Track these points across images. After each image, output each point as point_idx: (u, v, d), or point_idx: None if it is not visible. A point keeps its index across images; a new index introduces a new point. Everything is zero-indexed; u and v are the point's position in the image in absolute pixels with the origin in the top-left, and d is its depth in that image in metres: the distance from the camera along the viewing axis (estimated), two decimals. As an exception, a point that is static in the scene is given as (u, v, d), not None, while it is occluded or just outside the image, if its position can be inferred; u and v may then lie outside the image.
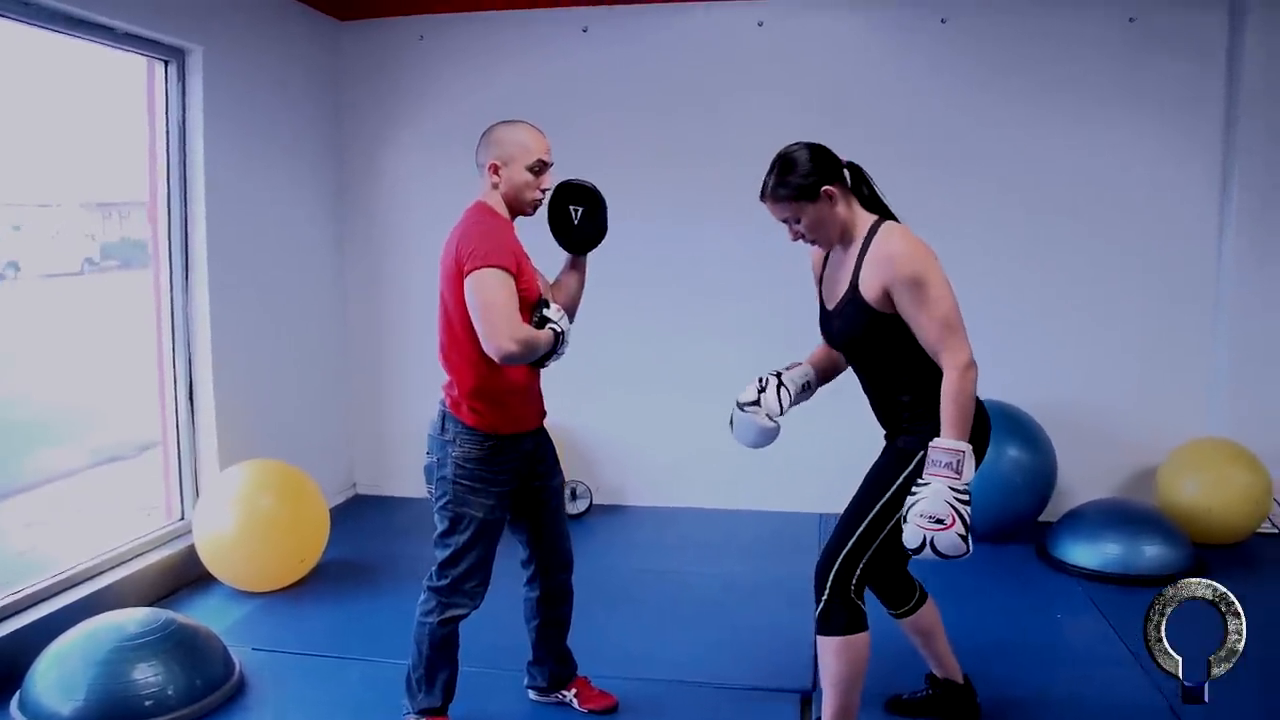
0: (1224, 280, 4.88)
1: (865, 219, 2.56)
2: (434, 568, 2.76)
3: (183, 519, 4.34)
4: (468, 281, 2.52)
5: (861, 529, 2.58)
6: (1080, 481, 4.90)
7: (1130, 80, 4.90)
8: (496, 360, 2.53)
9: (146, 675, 2.93)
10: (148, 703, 2.89)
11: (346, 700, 3.13)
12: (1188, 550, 4.24)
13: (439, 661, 2.79)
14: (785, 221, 2.56)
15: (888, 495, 2.56)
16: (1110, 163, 4.93)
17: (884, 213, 2.59)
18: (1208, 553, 4.39)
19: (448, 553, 2.72)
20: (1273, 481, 4.57)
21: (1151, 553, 4.17)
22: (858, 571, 2.58)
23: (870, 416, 2.75)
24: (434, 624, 2.74)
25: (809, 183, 2.48)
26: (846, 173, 2.56)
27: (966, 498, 2.36)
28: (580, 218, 2.77)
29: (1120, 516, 4.37)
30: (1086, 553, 4.28)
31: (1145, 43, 4.87)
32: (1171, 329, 4.98)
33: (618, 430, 5.42)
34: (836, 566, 2.59)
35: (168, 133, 4.22)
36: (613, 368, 5.24)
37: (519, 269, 2.59)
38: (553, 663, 3.05)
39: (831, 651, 2.60)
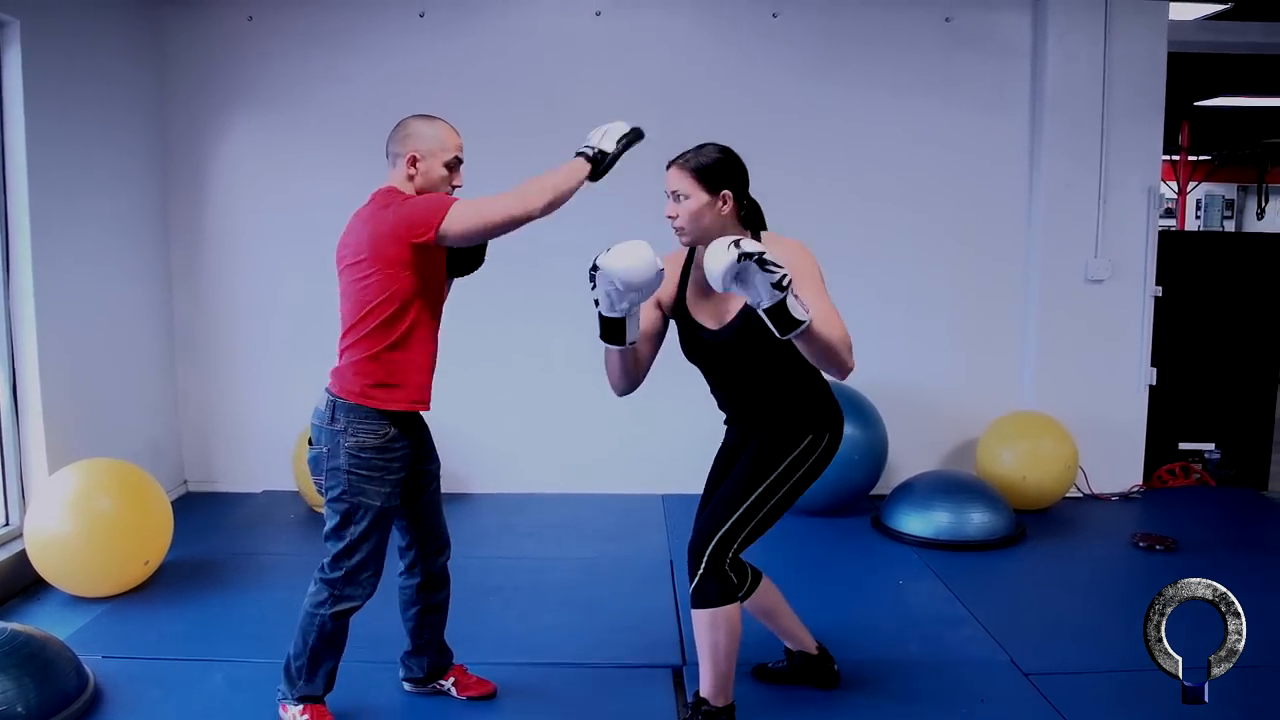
0: (1031, 266, 5.29)
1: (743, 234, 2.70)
2: (327, 560, 2.71)
3: (8, 524, 4.08)
4: (445, 226, 2.53)
5: (742, 509, 2.67)
6: (908, 455, 5.21)
7: (947, 75, 5.25)
8: (533, 218, 2.57)
9: (-9, 692, 2.75)
10: (-7, 723, 2.72)
11: (214, 703, 3.02)
12: (1009, 516, 4.59)
13: (325, 653, 2.75)
14: (674, 194, 2.64)
15: (771, 478, 2.68)
16: (930, 153, 5.26)
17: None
18: (1025, 517, 4.77)
19: (342, 545, 2.68)
20: (1077, 449, 5.00)
21: (978, 519, 4.49)
22: (734, 548, 2.68)
23: (708, 400, 2.85)
24: (325, 616, 2.70)
25: (715, 174, 2.62)
26: (745, 202, 2.70)
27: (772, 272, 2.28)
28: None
29: (948, 487, 4.68)
30: (919, 522, 4.57)
31: (960, 41, 5.24)
32: (987, 312, 5.39)
33: (458, 418, 5.36)
34: (714, 543, 2.67)
35: (-19, 111, 3.94)
36: (450, 356, 5.19)
37: None
38: (431, 652, 3.03)
39: (706, 623, 2.69)
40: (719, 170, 2.62)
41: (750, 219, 2.74)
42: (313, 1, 5.16)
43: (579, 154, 2.70)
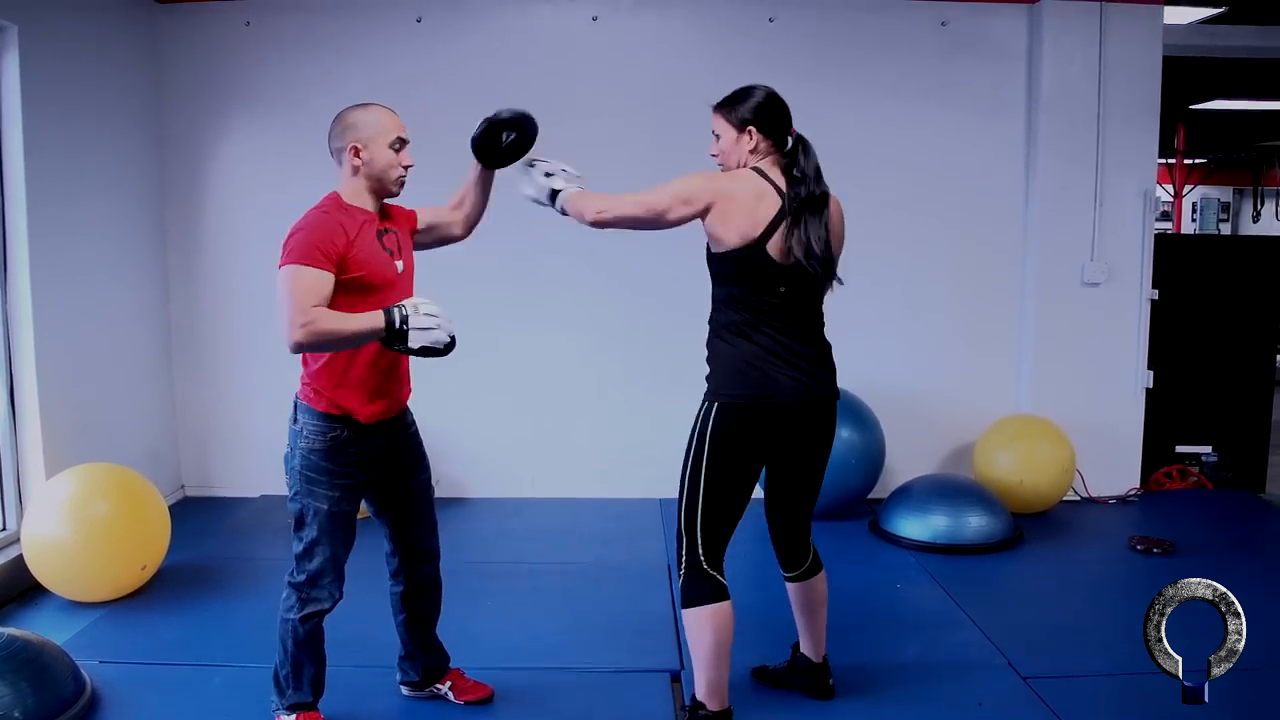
0: (1028, 269, 5.30)
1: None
2: (293, 563, 2.72)
3: (5, 529, 4.07)
4: (283, 269, 2.53)
5: (684, 501, 2.72)
6: (906, 459, 5.21)
7: (943, 78, 5.25)
8: (291, 351, 2.53)
9: (-12, 698, 2.74)
10: (-11, 728, 2.71)
11: (211, 709, 3.01)
12: (1007, 520, 4.59)
13: (305, 658, 2.75)
14: (714, 134, 2.82)
15: (689, 461, 2.71)
16: (926, 156, 5.26)
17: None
18: (1023, 520, 4.77)
19: (301, 546, 2.69)
20: (1075, 453, 5.00)
21: (976, 523, 4.49)
22: (698, 541, 2.69)
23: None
24: (296, 620, 2.70)
25: (741, 116, 2.75)
26: (790, 138, 2.76)
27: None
28: (509, 142, 2.86)
29: (945, 491, 4.67)
30: (916, 526, 4.56)
31: (955, 45, 5.24)
32: (983, 316, 5.39)
33: (457, 423, 5.37)
34: (682, 543, 2.72)
35: (-22, 116, 3.94)
36: (448, 360, 5.21)
37: (341, 264, 2.55)
38: (424, 656, 3.02)
39: (694, 622, 2.70)
40: (746, 110, 2.74)
41: (795, 156, 2.76)
42: (310, 6, 5.16)
43: (387, 312, 2.47)
